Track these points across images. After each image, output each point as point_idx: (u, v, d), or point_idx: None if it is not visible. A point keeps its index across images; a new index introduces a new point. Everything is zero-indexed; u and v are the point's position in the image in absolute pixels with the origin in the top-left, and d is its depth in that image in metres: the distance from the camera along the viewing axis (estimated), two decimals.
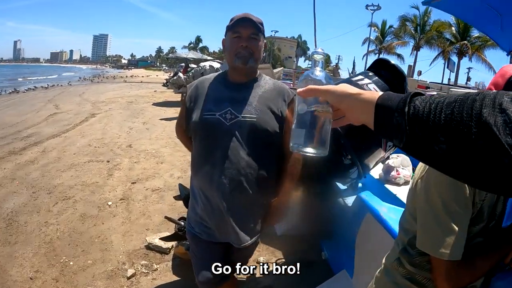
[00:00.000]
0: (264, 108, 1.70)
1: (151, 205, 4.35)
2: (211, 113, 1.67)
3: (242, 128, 1.65)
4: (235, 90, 1.74)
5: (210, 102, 1.71)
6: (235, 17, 1.72)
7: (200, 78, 1.89)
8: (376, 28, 42.94)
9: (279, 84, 1.86)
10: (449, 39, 35.40)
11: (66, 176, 5.28)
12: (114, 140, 7.63)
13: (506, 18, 2.99)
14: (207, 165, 1.66)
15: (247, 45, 1.67)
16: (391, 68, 1.98)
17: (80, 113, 11.54)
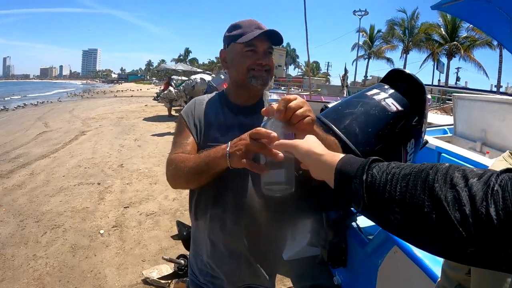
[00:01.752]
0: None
1: (146, 232, 4.10)
2: (218, 144, 1.30)
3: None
4: (241, 114, 1.45)
5: (214, 129, 1.41)
6: (241, 24, 1.40)
7: (196, 99, 1.56)
8: (364, 33, 43.22)
9: None
10: (438, 40, 35.68)
11: (55, 201, 5.02)
12: (105, 160, 7.37)
13: None
14: (217, 209, 1.37)
15: (266, 62, 1.37)
16: (407, 78, 1.77)
17: (70, 131, 11.25)
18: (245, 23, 1.39)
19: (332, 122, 1.64)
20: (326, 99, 11.24)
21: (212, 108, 1.48)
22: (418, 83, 1.72)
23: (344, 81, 17.46)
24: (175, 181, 1.35)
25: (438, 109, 9.98)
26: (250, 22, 1.39)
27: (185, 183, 1.35)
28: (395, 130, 1.61)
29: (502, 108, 3.74)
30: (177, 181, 1.35)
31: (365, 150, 1.55)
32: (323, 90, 21.20)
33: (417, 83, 1.72)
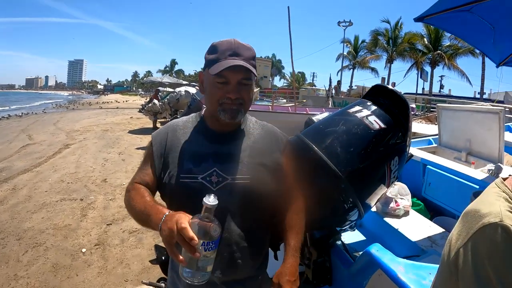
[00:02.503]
0: (257, 164, 1.35)
1: (129, 250, 3.99)
2: (192, 176, 1.30)
3: (232, 193, 1.29)
4: (218, 142, 1.38)
5: (188, 160, 1.33)
6: (218, 48, 1.31)
7: (170, 124, 1.48)
8: (349, 44, 43.51)
9: (269, 127, 1.51)
10: (421, 50, 36.19)
11: (37, 218, 4.89)
12: (88, 174, 7.22)
13: (499, 31, 3.00)
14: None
15: (236, 96, 1.29)
16: (390, 94, 1.74)
17: (54, 144, 11.05)
18: (222, 47, 1.31)
19: (313, 141, 1.60)
20: (311, 111, 11.26)
21: (187, 136, 1.41)
22: (401, 99, 1.69)
23: (329, 92, 17.55)
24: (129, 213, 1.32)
25: (422, 118, 10.05)
26: (228, 46, 1.31)
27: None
28: (378, 149, 1.58)
29: (486, 118, 3.75)
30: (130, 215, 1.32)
31: (346, 170, 1.51)
32: (308, 101, 21.27)
33: (400, 99, 1.69)
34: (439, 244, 2.05)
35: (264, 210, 1.38)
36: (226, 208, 1.28)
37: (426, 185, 3.27)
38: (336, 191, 1.56)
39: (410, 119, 1.70)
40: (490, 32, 3.00)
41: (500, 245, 0.79)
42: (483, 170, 3.28)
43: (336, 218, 1.73)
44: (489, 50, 3.45)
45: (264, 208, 1.37)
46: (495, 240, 0.80)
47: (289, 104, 16.86)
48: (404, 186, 2.67)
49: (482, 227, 0.83)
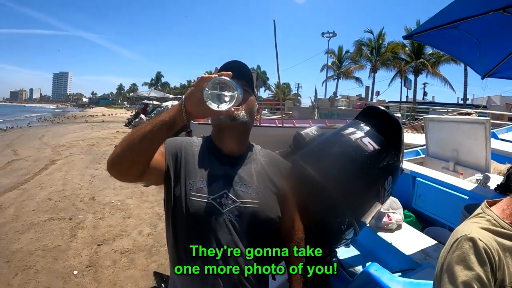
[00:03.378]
0: (265, 189, 1.40)
1: (122, 271, 3.93)
2: (202, 196, 1.31)
3: (241, 217, 1.32)
4: (228, 164, 1.41)
5: (199, 178, 1.35)
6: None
7: (183, 140, 1.48)
8: (333, 55, 43.99)
9: (273, 155, 1.58)
10: (405, 58, 36.74)
11: (25, 239, 4.77)
12: (76, 192, 7.10)
13: (484, 45, 3.10)
14: (198, 261, 1.29)
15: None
16: (382, 115, 1.77)
17: (40, 159, 10.87)
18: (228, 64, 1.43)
19: (309, 165, 1.62)
20: (298, 123, 11.33)
21: (202, 154, 1.43)
22: (393, 119, 1.73)
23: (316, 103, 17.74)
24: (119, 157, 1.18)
25: (408, 127, 10.19)
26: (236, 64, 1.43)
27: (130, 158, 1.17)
28: (373, 170, 1.60)
29: (472, 128, 3.84)
30: (122, 156, 1.18)
31: (342, 192, 1.54)
32: (294, 113, 21.43)
33: (392, 120, 1.72)
34: (432, 257, 2.08)
35: (270, 234, 1.42)
36: (235, 229, 1.30)
37: (416, 197, 3.32)
38: (333, 213, 1.59)
39: (402, 139, 1.74)
40: (476, 47, 3.11)
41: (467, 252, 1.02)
42: (471, 180, 3.35)
43: (333, 237, 1.74)
44: (475, 63, 3.56)
45: (270, 232, 1.41)
46: (464, 248, 1.03)
47: (275, 116, 16.97)
48: (396, 200, 2.70)
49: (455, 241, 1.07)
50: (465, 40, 2.97)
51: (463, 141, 4.00)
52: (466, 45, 3.12)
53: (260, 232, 1.36)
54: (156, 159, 1.29)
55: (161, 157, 1.35)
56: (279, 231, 1.47)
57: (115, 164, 1.19)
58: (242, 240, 1.31)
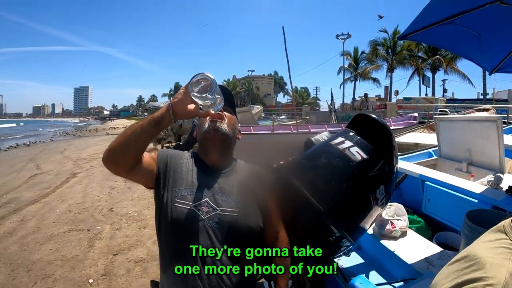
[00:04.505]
0: (245, 199, 1.48)
1: (135, 280, 4.02)
2: (185, 203, 1.42)
3: (220, 224, 1.41)
4: (211, 176, 1.53)
5: (184, 186, 1.47)
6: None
7: (173, 152, 1.63)
8: (349, 56, 43.56)
9: (255, 168, 1.67)
10: (421, 56, 36.20)
11: (45, 249, 4.94)
12: (95, 204, 7.27)
13: (485, 38, 2.99)
14: (180, 263, 1.37)
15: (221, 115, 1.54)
16: (372, 122, 1.76)
17: (61, 173, 11.17)
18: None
19: (295, 177, 1.63)
20: (313, 129, 11.27)
21: (188, 165, 1.55)
22: (383, 126, 1.71)
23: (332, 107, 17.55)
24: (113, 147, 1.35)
25: (425, 128, 10.01)
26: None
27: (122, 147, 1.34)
28: (361, 180, 1.59)
29: (484, 126, 3.75)
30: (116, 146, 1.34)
31: (328, 204, 1.53)
32: (311, 117, 21.33)
33: (382, 127, 1.71)
34: (435, 265, 2.04)
35: (250, 243, 1.46)
36: (214, 235, 1.38)
37: (425, 201, 3.26)
38: (318, 225, 1.58)
39: (394, 145, 1.72)
40: (477, 41, 2.97)
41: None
42: (482, 181, 3.27)
43: (325, 248, 1.74)
44: (479, 59, 3.43)
45: (251, 241, 1.47)
46: None
47: (291, 122, 16.93)
48: (401, 206, 2.66)
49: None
50: (465, 35, 2.86)
51: (475, 140, 3.90)
52: (466, 41, 3.00)
53: (240, 240, 1.42)
54: (148, 161, 1.47)
55: (153, 161, 1.50)
56: (263, 241, 1.53)
57: (109, 152, 1.35)
58: (221, 244, 1.38)
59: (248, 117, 13.86)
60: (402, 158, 4.19)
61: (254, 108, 23.73)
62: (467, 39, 3.00)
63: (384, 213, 2.44)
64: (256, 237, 1.48)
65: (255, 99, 71.62)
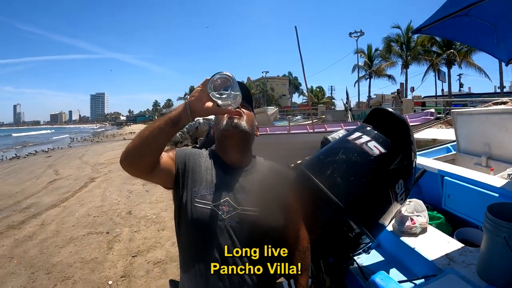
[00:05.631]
0: (266, 198, 1.46)
1: (154, 281, 4.04)
2: (205, 203, 1.39)
3: (241, 223, 1.38)
4: (231, 175, 1.50)
5: (203, 186, 1.44)
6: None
7: (192, 151, 1.60)
8: (362, 54, 43.24)
9: (276, 166, 1.65)
10: (436, 51, 35.68)
11: (65, 252, 5.03)
12: (114, 207, 7.35)
13: (501, 29, 2.95)
14: (201, 263, 1.36)
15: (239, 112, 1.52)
16: (389, 116, 1.73)
17: (80, 178, 11.34)
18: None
19: (313, 173, 1.61)
20: (330, 127, 11.19)
21: (207, 164, 1.52)
22: (400, 120, 1.69)
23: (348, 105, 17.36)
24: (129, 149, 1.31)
25: (442, 123, 9.85)
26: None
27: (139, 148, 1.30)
28: (380, 175, 1.57)
29: (502, 119, 3.68)
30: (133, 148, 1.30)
31: (347, 200, 1.51)
32: (327, 116, 21.19)
33: (399, 120, 1.69)
34: (456, 262, 2.00)
35: (271, 242, 1.43)
36: (235, 234, 1.36)
37: (445, 197, 3.20)
38: (338, 221, 1.57)
39: (413, 139, 1.69)
40: (492, 32, 2.94)
41: None
42: (503, 175, 3.20)
43: (345, 245, 1.72)
44: (495, 50, 3.36)
45: (271, 240, 1.43)
46: None
47: (307, 122, 16.84)
48: (420, 202, 2.62)
49: None
50: (479, 26, 2.82)
51: (494, 133, 3.82)
52: (481, 32, 2.95)
53: (261, 239, 1.40)
54: (166, 161, 1.43)
55: (171, 161, 1.47)
56: (284, 240, 1.50)
57: (126, 154, 1.31)
58: (241, 245, 1.36)
59: (264, 118, 13.85)
60: (420, 154, 4.12)
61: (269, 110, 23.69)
62: (482, 30, 2.95)
63: (403, 210, 2.40)
64: (277, 235, 1.46)
65: (270, 101, 71.47)
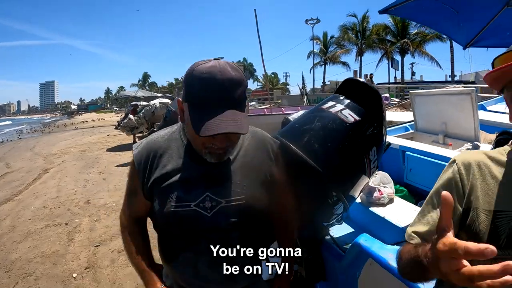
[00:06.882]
0: (251, 181, 1.28)
1: (120, 269, 3.95)
2: (184, 204, 1.21)
3: (229, 216, 1.23)
4: (206, 163, 1.24)
5: (178, 187, 1.24)
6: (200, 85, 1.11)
7: (151, 143, 1.32)
8: (318, 41, 44.00)
9: (259, 135, 1.40)
10: (390, 40, 36.85)
11: (23, 248, 4.78)
12: (71, 198, 7.09)
13: (462, 14, 3.06)
14: (189, 252, 1.25)
15: (225, 145, 1.18)
16: (361, 86, 1.77)
17: (32, 169, 10.84)
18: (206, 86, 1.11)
19: (290, 141, 1.61)
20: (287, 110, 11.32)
21: (172, 158, 1.28)
22: (373, 90, 1.73)
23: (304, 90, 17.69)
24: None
25: (397, 107, 10.22)
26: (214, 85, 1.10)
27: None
28: (356, 141, 1.61)
29: (459, 99, 3.83)
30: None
31: (326, 165, 1.53)
32: (283, 101, 21.40)
33: (371, 90, 1.72)
34: None
35: (263, 226, 1.35)
36: (225, 231, 1.25)
37: (407, 171, 3.31)
38: (318, 187, 1.59)
39: (384, 109, 1.74)
40: (454, 17, 3.08)
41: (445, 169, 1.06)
42: (461, 150, 3.34)
43: (321, 213, 1.74)
44: (455, 34, 3.53)
45: (262, 224, 1.35)
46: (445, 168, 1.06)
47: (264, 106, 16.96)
48: (386, 174, 2.70)
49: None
50: (443, 10, 2.95)
51: (451, 113, 3.99)
52: (444, 15, 3.10)
53: (252, 227, 1.30)
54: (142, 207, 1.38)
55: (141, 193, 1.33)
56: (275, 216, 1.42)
57: None
58: (234, 239, 1.25)
59: None
60: None
61: None
62: (445, 15, 3.09)
63: (371, 181, 2.46)
64: (266, 218, 1.35)
65: None
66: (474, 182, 0.98)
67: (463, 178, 0.99)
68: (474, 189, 0.97)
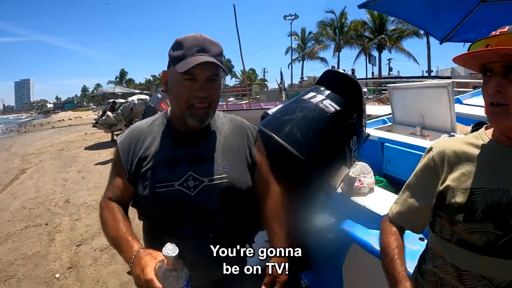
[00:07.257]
0: (233, 161, 1.34)
1: (104, 268, 3.91)
2: (168, 184, 1.26)
3: (212, 195, 1.27)
4: (189, 144, 1.33)
5: (161, 167, 1.29)
6: (183, 44, 1.25)
7: (134, 129, 1.40)
8: (296, 37, 44.52)
9: (238, 122, 1.48)
10: (367, 36, 37.33)
11: (3, 250, 4.67)
12: (50, 197, 6.97)
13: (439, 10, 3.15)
14: (174, 238, 1.18)
15: (205, 94, 1.24)
16: (341, 77, 1.81)
17: (9, 170, 10.55)
18: (188, 42, 1.25)
19: (273, 131, 1.64)
20: (266, 105, 11.40)
21: (155, 141, 1.34)
22: (353, 81, 1.77)
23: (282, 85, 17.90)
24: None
25: (375, 101, 10.38)
26: (195, 42, 1.25)
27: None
28: (336, 130, 1.64)
29: (436, 92, 3.92)
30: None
31: (308, 154, 1.56)
32: (261, 96, 21.55)
33: (352, 81, 1.77)
34: None
35: (247, 211, 1.38)
36: (208, 210, 1.27)
37: (386, 162, 3.38)
38: (300, 175, 1.61)
39: (364, 99, 1.79)
40: (431, 12, 3.15)
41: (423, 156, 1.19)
42: (438, 141, 3.43)
43: (304, 202, 1.77)
44: (432, 29, 3.61)
45: (245, 204, 1.37)
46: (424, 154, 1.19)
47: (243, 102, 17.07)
48: (365, 164, 2.74)
49: None
50: (420, 5, 3.01)
51: (428, 106, 4.07)
52: (421, 11, 3.17)
53: (235, 206, 1.33)
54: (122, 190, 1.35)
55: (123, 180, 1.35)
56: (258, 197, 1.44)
57: None
58: (217, 218, 1.29)
59: None
60: None
61: None
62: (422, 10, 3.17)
63: (351, 172, 2.50)
64: (249, 198, 1.38)
65: None
66: (451, 166, 1.07)
67: (439, 163, 1.09)
68: (450, 172, 1.06)
